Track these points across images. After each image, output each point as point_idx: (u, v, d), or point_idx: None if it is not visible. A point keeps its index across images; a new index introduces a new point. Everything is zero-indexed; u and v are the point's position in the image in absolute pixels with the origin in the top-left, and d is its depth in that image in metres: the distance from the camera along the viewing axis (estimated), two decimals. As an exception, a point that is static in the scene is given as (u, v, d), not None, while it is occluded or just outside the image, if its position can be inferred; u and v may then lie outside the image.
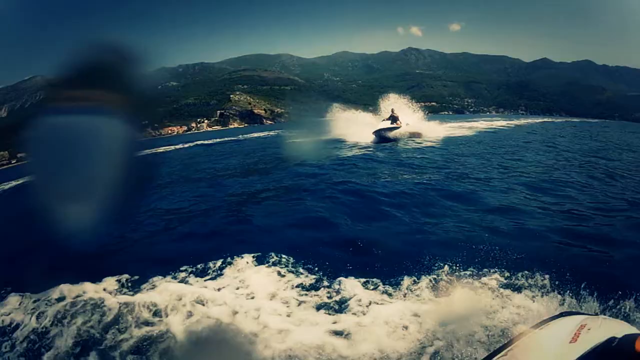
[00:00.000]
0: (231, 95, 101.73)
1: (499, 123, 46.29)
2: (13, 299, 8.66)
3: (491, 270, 6.98)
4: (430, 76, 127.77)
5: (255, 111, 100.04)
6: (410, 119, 33.96)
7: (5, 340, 7.61)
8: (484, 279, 6.87)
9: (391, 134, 30.90)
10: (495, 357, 3.33)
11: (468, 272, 7.11)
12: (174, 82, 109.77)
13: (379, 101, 36.90)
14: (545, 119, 66.82)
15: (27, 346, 7.39)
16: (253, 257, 9.08)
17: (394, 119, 31.74)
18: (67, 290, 8.68)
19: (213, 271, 8.83)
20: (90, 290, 8.67)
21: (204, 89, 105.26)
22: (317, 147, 27.19)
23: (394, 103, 35.88)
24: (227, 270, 8.78)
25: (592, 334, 3.27)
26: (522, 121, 58.00)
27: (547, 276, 6.52)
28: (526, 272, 6.70)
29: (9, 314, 8.34)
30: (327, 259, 8.46)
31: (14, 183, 28.26)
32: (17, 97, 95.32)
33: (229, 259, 9.06)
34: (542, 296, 6.16)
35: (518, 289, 6.41)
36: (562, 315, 3.94)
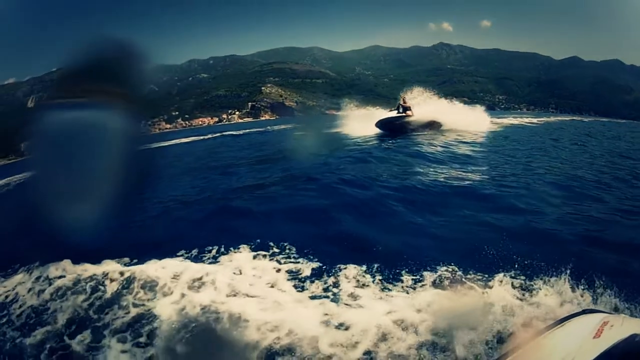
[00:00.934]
0: (262, 88, 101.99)
1: (528, 120, 44.92)
2: (17, 277, 9.17)
3: (507, 268, 6.86)
4: (462, 72, 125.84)
5: (287, 103, 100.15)
6: (445, 112, 30.93)
7: (4, 315, 8.10)
8: (499, 277, 6.75)
9: (398, 123, 28.66)
10: (521, 349, 3.41)
11: (482, 271, 6.96)
12: (205, 74, 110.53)
13: (400, 95, 33.20)
14: (575, 117, 65.18)
15: (24, 321, 7.78)
16: (252, 245, 9.20)
17: (404, 109, 29.15)
18: (68, 269, 9.17)
19: (210, 258, 9.03)
20: (89, 270, 9.04)
21: (235, 81, 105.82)
22: (321, 141, 26.38)
23: (417, 95, 33.66)
24: (224, 257, 8.94)
25: (615, 330, 3.33)
26: (552, 118, 56.74)
27: (565, 276, 6.39)
28: (544, 271, 6.56)
29: (13, 289, 8.87)
30: (327, 251, 8.45)
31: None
32: (43, 89, 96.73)
33: (228, 247, 9.23)
34: (561, 295, 6.08)
35: (536, 287, 6.32)
36: (585, 312, 4.03)
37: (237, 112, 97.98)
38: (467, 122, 30.11)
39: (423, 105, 31.56)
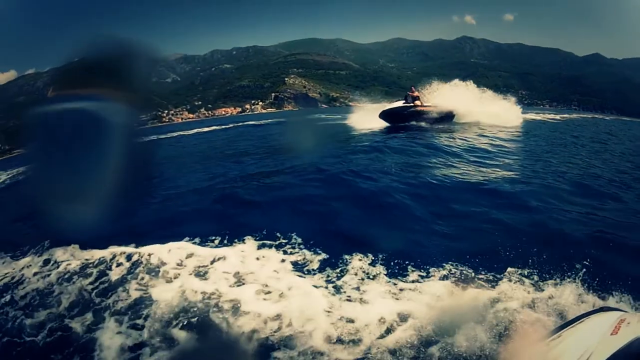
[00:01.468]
0: (286, 79, 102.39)
1: (550, 116, 43.83)
2: (25, 259, 9.41)
3: (521, 266, 6.76)
4: (485, 66, 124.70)
5: (310, 95, 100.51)
6: (470, 102, 29.61)
7: (9, 295, 8.37)
8: (511, 274, 6.65)
9: (406, 113, 27.05)
10: (540, 346, 3.55)
11: (493, 268, 6.82)
12: (228, 65, 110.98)
13: (420, 88, 31.12)
14: (596, 115, 63.71)
15: (27, 302, 8.02)
16: (258, 234, 9.18)
17: (412, 98, 27.42)
18: (76, 254, 9.45)
19: (215, 246, 9.05)
20: (96, 255, 9.20)
21: (258, 72, 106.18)
22: (335, 132, 26.83)
23: (441, 86, 31.76)
24: (230, 246, 8.96)
25: (633, 327, 3.40)
26: (574, 115, 54.81)
27: (581, 275, 6.33)
28: (560, 270, 6.46)
29: (20, 270, 9.15)
30: (333, 243, 8.30)
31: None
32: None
33: (234, 235, 9.19)
34: (577, 294, 5.96)
35: (550, 286, 6.20)
36: (602, 309, 4.10)
37: (260, 103, 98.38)
38: (495, 114, 28.49)
39: (448, 93, 30.74)
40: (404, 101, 27.79)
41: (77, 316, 7.26)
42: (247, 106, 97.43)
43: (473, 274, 6.68)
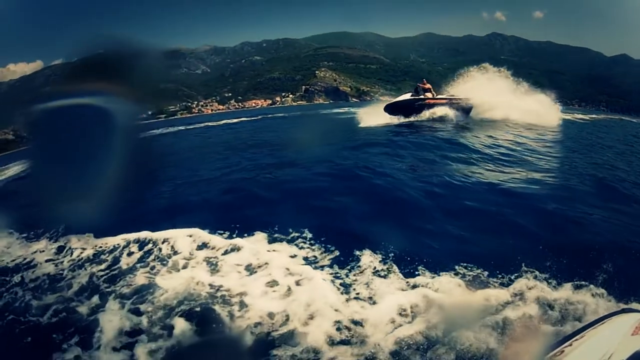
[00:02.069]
0: (316, 71, 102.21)
1: (579, 116, 44.25)
2: (39, 244, 9.90)
3: (540, 269, 6.73)
4: (515, 63, 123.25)
5: (341, 88, 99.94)
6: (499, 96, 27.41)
7: (20, 277, 8.75)
8: (531, 276, 6.66)
9: (417, 105, 25.41)
10: (560, 347, 3.49)
11: (510, 269, 6.81)
12: (258, 57, 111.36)
13: (450, 82, 31.29)
14: (623, 117, 61.92)
15: (37, 284, 8.40)
16: (269, 227, 9.22)
17: (423, 90, 26.12)
18: (89, 242, 9.72)
19: (226, 237, 9.10)
20: (109, 243, 9.48)
21: (288, 64, 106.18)
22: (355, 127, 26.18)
23: (468, 76, 31.15)
24: (240, 238, 8.95)
25: None
26: (601, 116, 55.39)
27: (600, 280, 6.35)
28: (579, 274, 6.45)
29: (33, 253, 9.58)
30: (344, 239, 8.30)
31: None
32: None
33: (244, 228, 9.25)
34: (597, 296, 6.01)
35: (570, 288, 6.21)
36: (623, 311, 4.15)
37: (290, 95, 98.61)
38: (532, 111, 26.58)
39: (478, 83, 29.29)
40: (411, 93, 26.66)
41: (83, 300, 7.57)
42: (278, 98, 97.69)
43: (487, 275, 6.73)
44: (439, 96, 26.62)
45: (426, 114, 25.70)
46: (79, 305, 7.42)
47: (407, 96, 26.49)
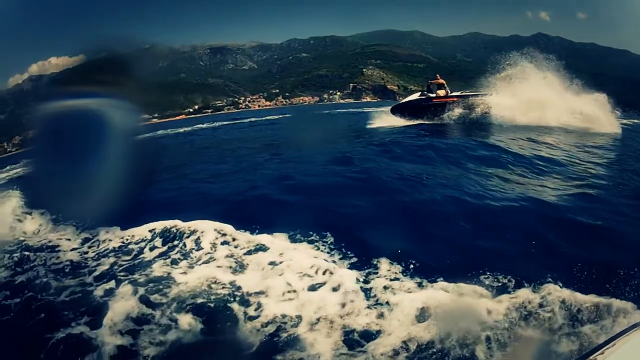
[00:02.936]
0: (364, 70, 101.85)
1: (622, 120, 41.26)
2: (68, 231, 10.47)
3: (566, 281, 6.76)
4: (561, 65, 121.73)
5: (389, 87, 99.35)
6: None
7: (44, 258, 9.40)
8: (557, 283, 6.73)
9: (424, 105, 25.13)
10: (593, 355, 3.34)
11: (539, 280, 6.86)
12: (305, 54, 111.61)
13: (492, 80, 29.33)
14: None
15: (60, 267, 9.02)
16: (292, 230, 9.54)
17: (437, 86, 26.23)
18: (116, 233, 10.20)
19: (247, 234, 9.49)
20: (136, 235, 9.94)
21: (335, 62, 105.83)
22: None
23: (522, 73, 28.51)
24: (261, 237, 9.32)
25: None
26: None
27: (632, 292, 6.35)
28: (610, 285, 6.52)
29: (59, 239, 10.14)
30: (366, 245, 8.55)
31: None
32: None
33: (268, 227, 9.65)
34: (624, 310, 5.98)
35: (598, 297, 6.25)
36: None
37: (338, 93, 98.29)
38: (587, 115, 25.13)
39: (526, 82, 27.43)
40: (420, 93, 26.82)
41: (99, 285, 8.10)
42: (325, 96, 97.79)
43: (514, 284, 6.84)
44: (453, 94, 26.42)
45: (436, 114, 25.19)
46: (94, 289, 7.93)
47: (415, 96, 26.70)
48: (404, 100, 26.75)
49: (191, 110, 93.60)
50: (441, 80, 26.68)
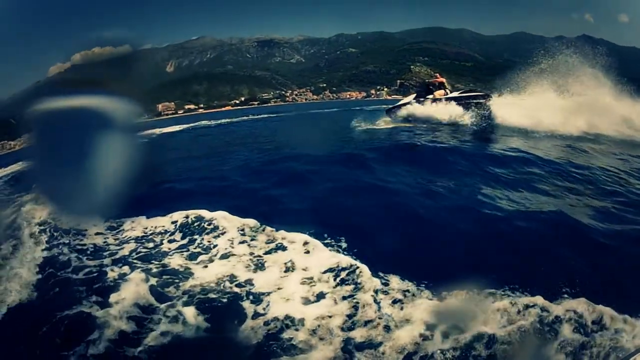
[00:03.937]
0: (411, 66, 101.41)
1: None
2: (96, 220, 10.52)
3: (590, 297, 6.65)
4: (605, 68, 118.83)
5: None
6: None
7: (70, 240, 9.70)
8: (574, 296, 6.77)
9: (401, 113, 24.54)
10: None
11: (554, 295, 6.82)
12: (353, 49, 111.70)
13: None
14: None
15: (83, 249, 9.32)
16: (309, 231, 9.44)
17: (438, 85, 25.28)
18: (142, 222, 10.49)
19: (273, 230, 9.57)
20: (159, 225, 10.19)
21: (383, 58, 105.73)
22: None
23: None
24: (280, 233, 9.41)
25: None
26: None
27: None
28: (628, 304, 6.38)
29: (86, 224, 10.34)
30: (380, 257, 8.38)
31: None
32: (184, 55, 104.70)
33: (286, 226, 9.66)
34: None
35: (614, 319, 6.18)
36: None
37: (385, 89, 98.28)
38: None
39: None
40: (416, 94, 26.35)
41: (115, 269, 8.31)
42: (372, 91, 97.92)
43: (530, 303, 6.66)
44: (452, 94, 26.51)
45: (425, 118, 24.11)
46: (109, 272, 8.23)
47: (410, 98, 27.18)
48: (398, 104, 28.12)
49: (237, 102, 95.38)
50: (441, 79, 27.28)
